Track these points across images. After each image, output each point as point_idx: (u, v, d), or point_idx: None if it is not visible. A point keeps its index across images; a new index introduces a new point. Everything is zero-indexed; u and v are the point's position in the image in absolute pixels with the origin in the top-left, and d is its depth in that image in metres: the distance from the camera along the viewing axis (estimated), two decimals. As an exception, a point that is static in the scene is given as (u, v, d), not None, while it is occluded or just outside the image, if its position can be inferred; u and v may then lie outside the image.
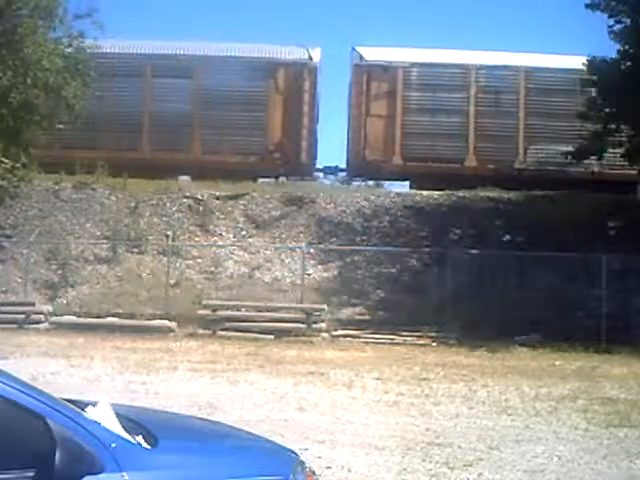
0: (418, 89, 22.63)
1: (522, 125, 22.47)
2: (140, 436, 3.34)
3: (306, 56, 22.91)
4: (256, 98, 22.11)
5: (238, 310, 17.15)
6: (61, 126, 19.98)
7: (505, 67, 22.49)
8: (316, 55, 23.23)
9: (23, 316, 16.64)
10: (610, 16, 18.60)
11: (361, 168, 22.93)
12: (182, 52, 22.68)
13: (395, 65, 22.51)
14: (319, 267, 19.04)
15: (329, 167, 24.68)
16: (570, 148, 20.05)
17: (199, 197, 20.89)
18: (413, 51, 22.96)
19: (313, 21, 45.01)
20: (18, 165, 18.99)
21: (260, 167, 22.14)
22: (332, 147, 47.73)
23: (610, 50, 18.93)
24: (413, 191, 21.49)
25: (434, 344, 15.93)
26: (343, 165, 24.00)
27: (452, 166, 22.00)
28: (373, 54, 22.83)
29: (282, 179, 22.76)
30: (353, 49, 23.03)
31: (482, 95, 22.53)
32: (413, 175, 22.33)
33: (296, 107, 22.55)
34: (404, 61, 22.61)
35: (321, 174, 25.05)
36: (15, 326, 16.14)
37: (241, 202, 20.88)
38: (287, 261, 19.29)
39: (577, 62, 20.32)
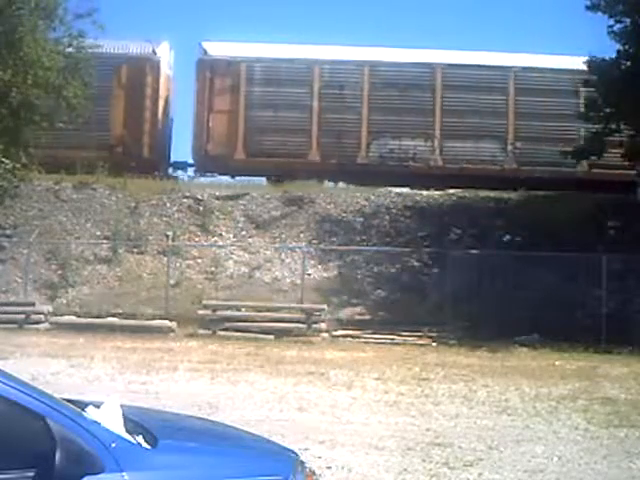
0: (261, 84, 22.61)
1: (365, 120, 22.49)
2: (140, 436, 3.34)
3: (150, 50, 22.88)
4: (101, 93, 21.58)
5: (238, 310, 17.15)
6: None
7: (349, 62, 22.39)
8: (162, 50, 23.25)
9: (23, 316, 16.65)
10: (610, 16, 18.60)
11: (205, 163, 22.90)
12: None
13: (238, 60, 22.42)
14: (319, 267, 19.04)
15: (179, 162, 24.55)
16: (414, 142, 20.91)
17: (199, 197, 20.89)
18: (259, 46, 22.78)
19: (161, 17, 44.45)
20: (18, 165, 19.00)
21: (105, 161, 21.39)
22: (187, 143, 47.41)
23: (609, 50, 18.97)
24: (413, 191, 21.47)
25: (434, 344, 15.93)
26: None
27: (295, 160, 21.99)
28: (217, 49, 22.70)
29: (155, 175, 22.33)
30: (199, 44, 22.93)
31: (326, 90, 22.50)
32: (257, 170, 22.26)
33: (138, 102, 22.64)
34: (248, 56, 22.57)
35: (171, 169, 24.73)
36: (15, 326, 16.14)
37: (241, 202, 20.88)
38: (287, 261, 19.29)
39: (427, 56, 21.26)
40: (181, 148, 26.69)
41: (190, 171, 24.31)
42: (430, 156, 22.34)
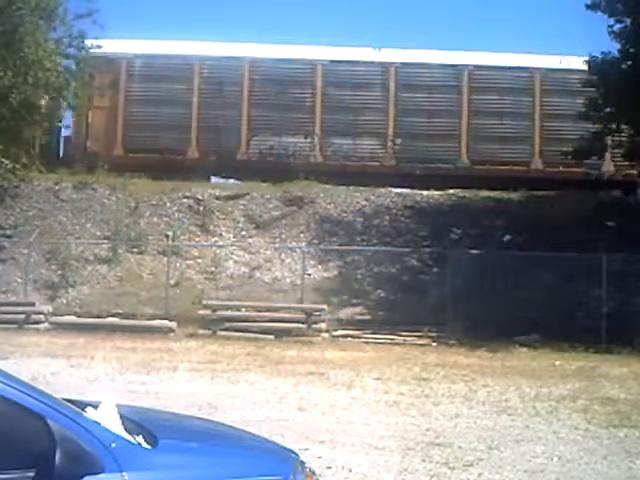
0: (141, 80, 22.58)
1: (245, 116, 22.53)
2: (140, 436, 3.34)
3: None
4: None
5: (238, 310, 17.15)
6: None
7: (229, 58, 22.33)
8: None
9: (23, 316, 16.65)
10: (610, 16, 18.60)
11: (83, 159, 22.37)
12: None
13: (119, 57, 22.33)
14: (319, 267, 19.03)
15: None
16: (294, 139, 21.42)
17: (199, 197, 20.90)
18: (140, 43, 22.71)
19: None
20: (18, 165, 19.02)
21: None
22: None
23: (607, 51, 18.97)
24: (413, 191, 21.48)
25: (434, 344, 15.93)
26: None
27: (174, 157, 21.96)
28: (98, 46, 22.11)
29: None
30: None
31: (205, 86, 22.51)
32: (136, 166, 21.90)
33: None
34: (128, 52, 22.49)
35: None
36: (15, 326, 16.14)
37: (241, 202, 20.88)
38: (287, 261, 19.29)
39: (307, 53, 21.45)
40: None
41: None
42: (310, 152, 22.43)
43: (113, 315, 17.14)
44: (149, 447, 3.28)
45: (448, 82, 22.44)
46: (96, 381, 10.68)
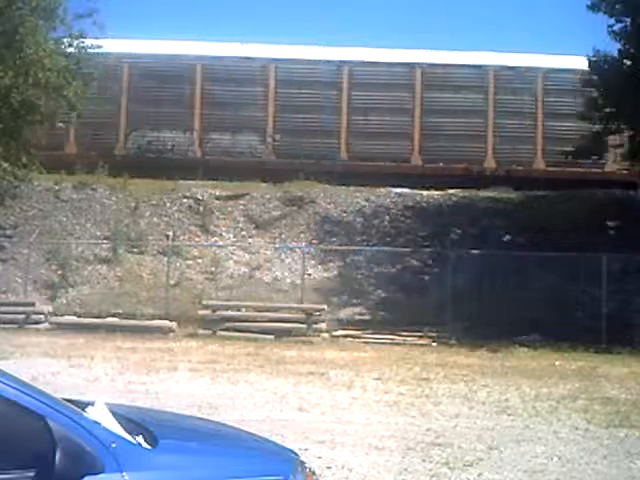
0: None
1: (124, 111, 22.57)
2: (140, 436, 3.34)
3: None
4: None
5: (238, 310, 17.16)
6: None
7: (109, 54, 21.80)
8: None
9: (23, 316, 16.66)
10: (610, 16, 18.60)
11: None
12: None
13: None
14: (319, 267, 19.04)
15: None
16: (172, 134, 21.55)
17: (199, 197, 20.90)
18: None
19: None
20: (19, 165, 19.01)
21: None
22: None
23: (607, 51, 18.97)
24: (413, 191, 21.51)
25: (434, 344, 15.93)
26: None
27: (53, 153, 21.40)
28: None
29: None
30: None
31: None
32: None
33: None
34: None
35: None
36: (15, 326, 16.15)
37: (241, 202, 20.89)
38: (287, 261, 19.30)
39: (187, 49, 21.52)
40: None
41: None
42: (189, 148, 22.50)
43: (113, 315, 17.15)
44: (149, 447, 3.28)
45: (328, 78, 22.59)
46: (96, 381, 10.67)
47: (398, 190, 21.34)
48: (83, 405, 3.44)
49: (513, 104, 22.36)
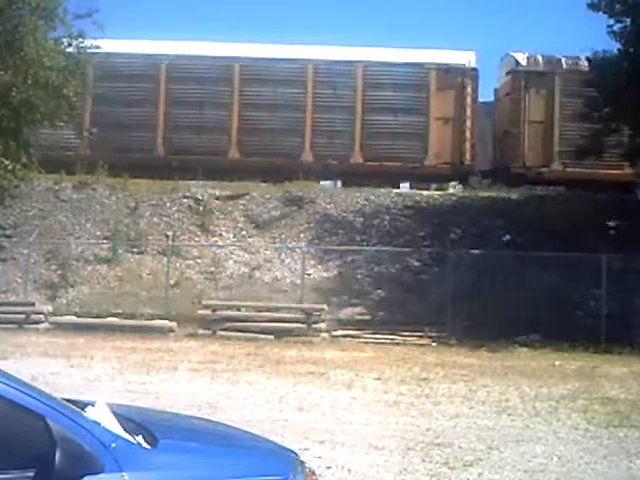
0: None
1: None
2: (140, 436, 3.34)
3: None
4: None
5: (238, 310, 17.15)
6: None
7: None
8: None
9: (23, 316, 16.64)
10: (610, 16, 18.60)
11: None
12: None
13: None
14: (319, 267, 19.04)
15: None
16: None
17: (199, 197, 20.90)
18: None
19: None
20: (19, 165, 19.01)
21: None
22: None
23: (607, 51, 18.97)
24: (413, 191, 21.50)
25: (434, 344, 15.93)
26: None
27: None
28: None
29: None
30: None
31: None
32: None
33: None
34: None
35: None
36: (15, 326, 16.14)
37: (241, 202, 20.88)
38: (287, 261, 19.29)
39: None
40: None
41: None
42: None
43: (113, 315, 17.14)
44: (149, 447, 3.28)
45: (145, 72, 22.36)
46: (96, 381, 10.67)
47: (398, 190, 21.33)
48: (83, 405, 3.44)
49: (331, 98, 22.28)
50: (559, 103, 22.39)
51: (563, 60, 22.82)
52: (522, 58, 22.80)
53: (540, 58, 22.88)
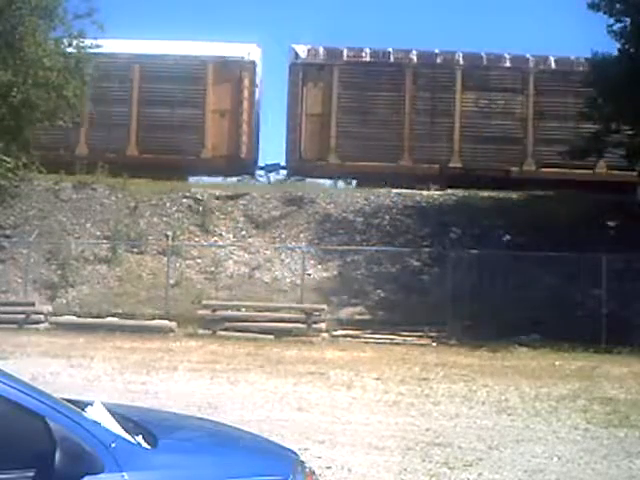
0: None
1: None
2: (140, 436, 3.34)
3: None
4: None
5: (238, 310, 17.15)
6: None
7: None
8: None
9: (23, 316, 16.64)
10: (610, 15, 18.60)
11: None
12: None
13: None
14: (319, 267, 19.04)
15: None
16: None
17: (199, 197, 20.90)
18: None
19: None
20: (19, 164, 19.03)
21: None
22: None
23: (607, 51, 18.99)
24: (413, 191, 21.50)
25: (434, 344, 15.93)
26: None
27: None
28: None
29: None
30: None
31: None
32: None
33: None
34: None
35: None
36: (15, 326, 16.14)
37: (241, 202, 20.89)
38: (287, 261, 19.29)
39: None
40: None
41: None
42: None
43: (113, 315, 17.14)
44: (149, 447, 3.28)
45: None
46: (96, 381, 10.67)
47: (398, 190, 21.33)
48: (83, 405, 3.44)
49: (112, 91, 22.19)
50: (337, 95, 22.43)
51: (345, 51, 22.83)
52: (302, 50, 22.70)
53: (321, 50, 22.84)
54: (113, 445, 3.05)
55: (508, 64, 23.01)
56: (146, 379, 11.03)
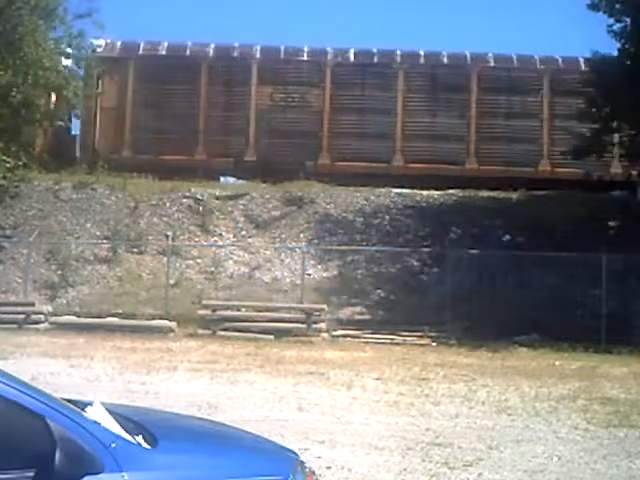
0: None
1: None
2: (140, 436, 3.34)
3: None
4: None
5: (238, 310, 17.15)
6: None
7: None
8: None
9: (23, 316, 16.64)
10: (610, 15, 18.61)
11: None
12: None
13: None
14: (319, 267, 19.03)
15: None
16: None
17: (199, 197, 20.90)
18: None
19: None
20: (19, 164, 19.04)
21: None
22: None
23: (607, 50, 19.01)
24: (413, 191, 21.50)
25: (434, 344, 15.92)
26: None
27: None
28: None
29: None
30: None
31: None
32: None
33: None
34: None
35: None
36: (15, 326, 16.13)
37: (241, 202, 20.88)
38: (287, 261, 19.29)
39: None
40: None
41: None
42: None
43: (113, 315, 17.13)
44: (149, 447, 3.28)
45: None
46: (96, 381, 10.67)
47: (398, 190, 21.33)
48: (83, 405, 3.44)
49: None
50: (132, 89, 22.48)
51: (142, 45, 22.88)
52: (99, 44, 22.62)
53: (118, 44, 22.85)
54: (113, 445, 3.05)
55: (306, 57, 23.18)
56: (146, 379, 11.03)
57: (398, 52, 23.45)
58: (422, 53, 23.62)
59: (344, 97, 22.84)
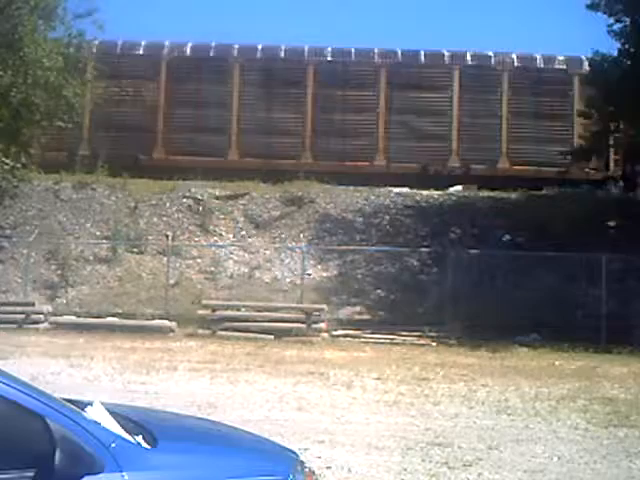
0: None
1: None
2: (140, 436, 3.34)
3: None
4: None
5: (238, 310, 17.14)
6: None
7: None
8: None
9: (23, 316, 16.63)
10: (610, 15, 18.62)
11: None
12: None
13: None
14: (319, 267, 19.03)
15: None
16: None
17: (199, 197, 20.89)
18: None
19: None
20: (19, 165, 19.02)
21: None
22: None
23: (606, 50, 19.01)
24: (413, 191, 21.50)
25: (434, 344, 15.92)
26: None
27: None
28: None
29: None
30: None
31: None
32: None
33: None
34: None
35: None
36: (15, 326, 16.13)
37: (241, 202, 20.88)
38: (287, 261, 19.29)
39: None
40: None
41: None
42: None
43: (113, 315, 17.14)
44: (149, 447, 3.28)
45: None
46: (96, 381, 10.67)
47: (398, 190, 21.33)
48: (83, 405, 3.44)
49: None
50: None
51: None
52: None
53: None
54: (113, 445, 3.05)
55: (142, 52, 23.19)
56: (146, 379, 11.03)
57: (235, 46, 23.56)
58: (259, 47, 23.67)
59: (180, 91, 22.90)
